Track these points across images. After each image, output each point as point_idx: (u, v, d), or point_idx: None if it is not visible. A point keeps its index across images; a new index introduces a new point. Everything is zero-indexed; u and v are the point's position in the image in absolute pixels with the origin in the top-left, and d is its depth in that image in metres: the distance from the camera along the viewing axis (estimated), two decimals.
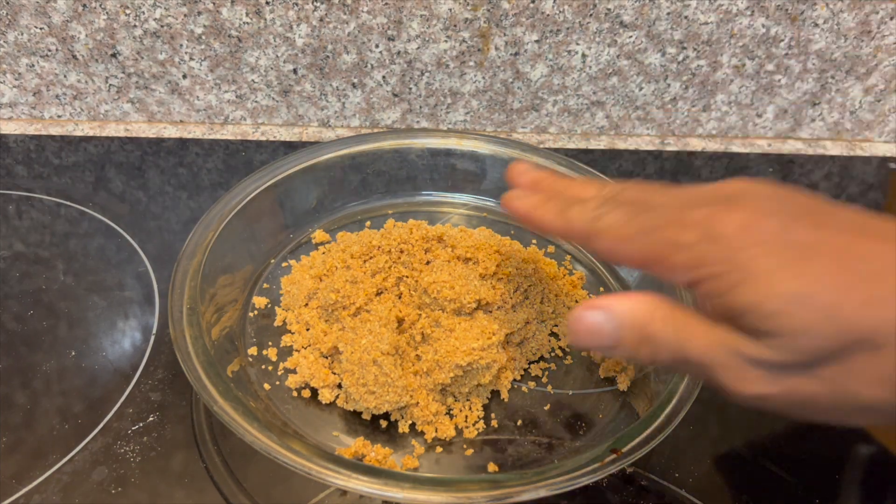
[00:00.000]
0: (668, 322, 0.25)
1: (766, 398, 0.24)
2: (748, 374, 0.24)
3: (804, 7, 0.56)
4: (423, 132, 0.52)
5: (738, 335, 0.24)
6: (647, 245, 0.26)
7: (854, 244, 0.23)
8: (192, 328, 0.35)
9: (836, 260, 0.23)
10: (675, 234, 0.25)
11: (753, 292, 0.23)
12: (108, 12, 0.53)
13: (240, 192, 0.44)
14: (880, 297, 0.22)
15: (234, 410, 0.32)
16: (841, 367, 0.23)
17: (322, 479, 0.29)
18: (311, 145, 0.50)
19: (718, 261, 0.24)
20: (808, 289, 0.22)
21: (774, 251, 0.23)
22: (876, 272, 0.23)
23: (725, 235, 0.24)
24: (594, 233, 0.28)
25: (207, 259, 0.39)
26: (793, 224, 0.24)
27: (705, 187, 0.27)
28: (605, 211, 0.28)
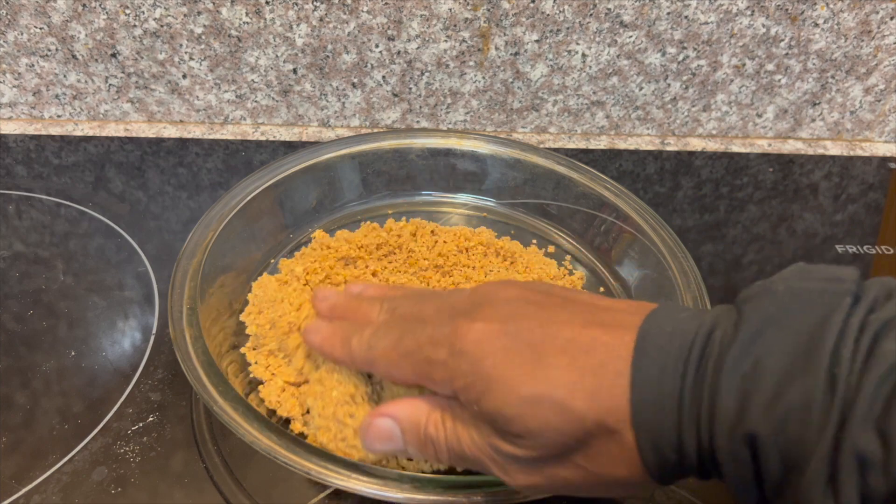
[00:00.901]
0: (440, 424, 0.28)
1: (533, 486, 0.27)
2: (510, 468, 0.27)
3: (804, 7, 0.56)
4: (423, 132, 0.52)
5: (495, 436, 0.26)
6: (411, 367, 0.29)
7: (577, 338, 0.26)
8: (191, 328, 0.35)
9: (562, 356, 0.25)
10: (431, 352, 0.28)
11: (494, 399, 0.26)
12: (108, 12, 0.53)
13: (240, 192, 0.44)
14: (605, 387, 0.24)
15: (234, 410, 0.32)
16: (586, 453, 0.25)
17: (322, 480, 0.29)
18: (311, 145, 0.50)
19: (465, 373, 0.26)
20: (540, 390, 0.25)
21: (508, 357, 0.26)
22: (600, 363, 0.25)
23: (466, 350, 0.27)
24: (370, 362, 0.31)
25: (207, 259, 0.39)
26: (524, 327, 0.26)
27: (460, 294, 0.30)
28: (378, 337, 0.30)
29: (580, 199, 0.49)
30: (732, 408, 0.22)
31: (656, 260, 0.43)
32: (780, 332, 0.22)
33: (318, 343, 0.34)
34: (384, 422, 0.30)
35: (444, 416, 0.28)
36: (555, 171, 0.50)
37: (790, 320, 0.23)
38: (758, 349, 0.22)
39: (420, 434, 0.29)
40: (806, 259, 0.52)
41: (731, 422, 0.22)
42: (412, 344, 0.29)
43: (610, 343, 0.25)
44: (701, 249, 0.51)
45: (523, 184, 0.51)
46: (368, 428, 0.30)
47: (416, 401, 0.30)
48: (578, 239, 0.49)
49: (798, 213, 0.56)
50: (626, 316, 0.26)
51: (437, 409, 0.29)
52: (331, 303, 0.36)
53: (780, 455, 0.22)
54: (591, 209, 0.48)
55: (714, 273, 0.49)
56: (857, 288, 0.23)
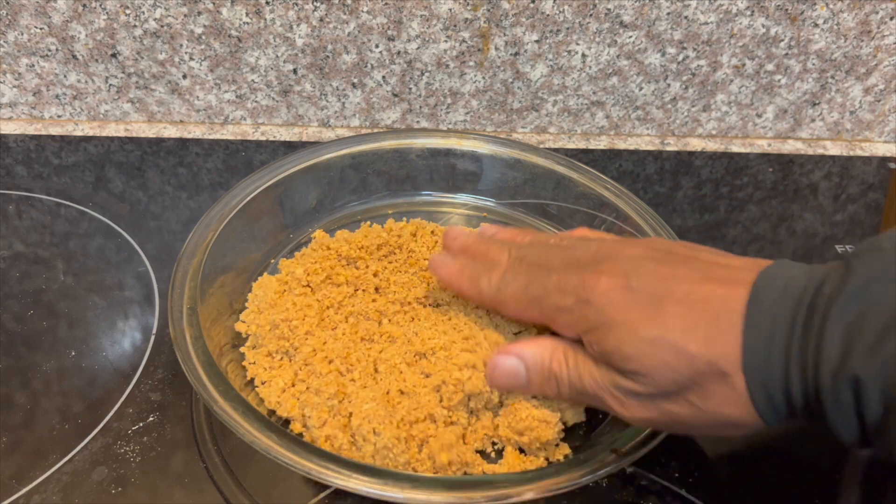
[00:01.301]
0: (563, 362, 0.31)
1: (648, 420, 0.30)
2: (628, 402, 0.30)
3: (804, 7, 0.56)
4: (423, 132, 0.52)
5: (615, 373, 0.30)
6: (539, 311, 0.32)
7: (696, 291, 0.28)
8: (192, 328, 0.35)
9: (680, 306, 0.28)
10: (558, 299, 0.31)
11: (616, 339, 0.29)
12: (108, 12, 0.53)
13: (240, 192, 0.44)
14: (718, 334, 0.27)
15: (234, 410, 0.32)
16: (699, 392, 0.28)
17: (321, 479, 0.29)
18: (311, 145, 0.50)
19: (590, 319, 0.30)
20: (657, 332, 0.28)
21: (629, 306, 0.29)
22: (714, 314, 0.27)
23: (592, 300, 0.30)
24: (499, 303, 0.34)
25: (207, 259, 0.39)
26: (646, 281, 0.29)
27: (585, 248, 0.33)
28: (507, 281, 0.34)
29: (580, 199, 0.49)
30: (837, 353, 0.24)
31: None
32: (884, 286, 0.24)
33: (445, 276, 0.36)
34: (510, 360, 0.33)
35: (567, 354, 0.31)
36: (555, 171, 0.50)
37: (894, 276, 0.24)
38: (863, 301, 0.24)
39: (544, 371, 0.32)
40: (806, 259, 0.52)
41: (835, 365, 0.24)
42: (540, 290, 0.32)
43: (725, 296, 0.27)
44: None
45: (523, 184, 0.51)
46: (494, 366, 0.33)
47: (540, 340, 0.33)
48: None
49: (798, 213, 0.56)
50: (742, 272, 0.28)
51: (561, 348, 0.32)
52: (461, 242, 0.38)
53: (881, 396, 0.23)
54: (591, 209, 0.48)
55: None
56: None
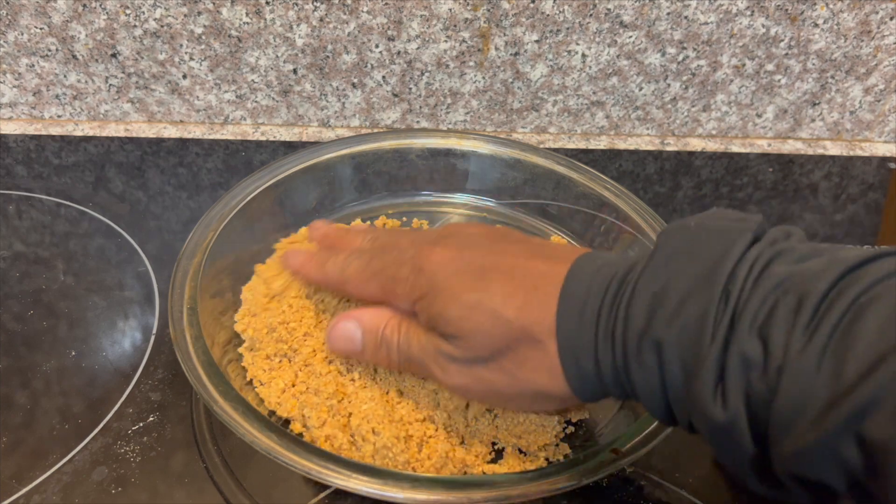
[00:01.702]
0: (396, 329, 0.33)
1: (464, 388, 0.31)
2: (448, 367, 0.31)
3: (804, 7, 0.56)
4: (423, 132, 0.52)
5: (438, 338, 0.31)
6: (378, 284, 0.33)
7: (520, 265, 0.30)
8: (192, 328, 0.35)
9: (503, 276, 0.30)
10: (396, 271, 0.33)
11: (440, 303, 0.30)
12: (108, 12, 0.53)
13: (240, 192, 0.44)
14: (534, 303, 0.28)
15: (234, 410, 0.32)
16: (512, 358, 0.29)
17: (322, 479, 0.30)
18: (311, 145, 0.50)
19: (422, 286, 0.31)
20: (477, 298, 0.29)
21: (458, 274, 0.30)
22: (534, 285, 0.29)
23: (425, 268, 0.31)
24: (342, 281, 0.35)
25: (207, 259, 0.39)
26: (477, 254, 0.31)
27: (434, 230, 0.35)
28: (351, 260, 0.35)
29: (580, 200, 0.49)
30: (642, 318, 0.26)
31: None
32: (687, 259, 0.26)
33: (296, 266, 0.37)
34: (348, 323, 0.34)
35: (402, 322, 0.33)
36: (555, 171, 0.50)
37: (697, 249, 0.26)
38: (667, 272, 0.26)
39: (377, 336, 0.33)
40: None
41: (639, 330, 0.26)
42: (380, 264, 0.33)
43: (546, 271, 0.29)
44: None
45: (523, 184, 0.51)
46: (333, 328, 0.34)
47: (379, 309, 0.34)
48: (578, 239, 0.49)
49: (798, 213, 0.56)
50: (567, 252, 0.31)
51: (397, 317, 0.33)
52: (321, 232, 0.40)
53: (681, 360, 0.25)
54: (591, 209, 0.48)
55: None
56: (759, 228, 0.26)
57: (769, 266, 0.24)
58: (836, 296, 0.22)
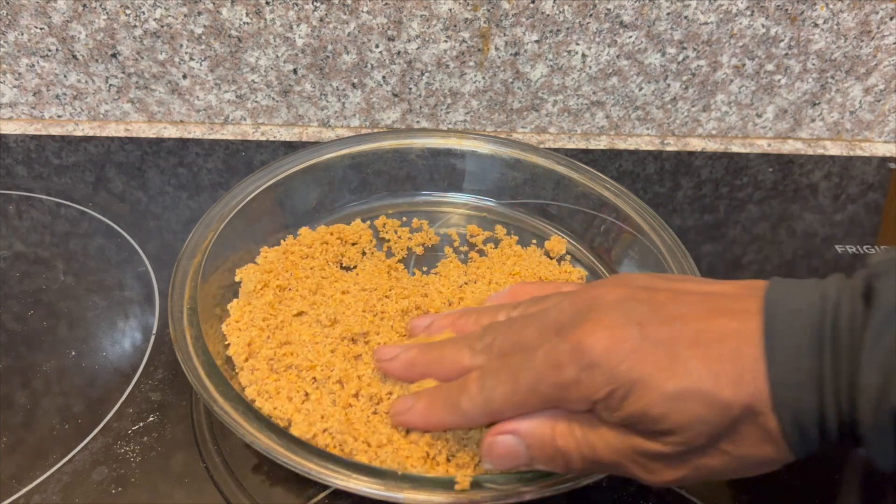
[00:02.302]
0: (569, 436, 0.28)
1: (677, 481, 0.27)
2: (654, 467, 0.27)
3: (804, 7, 0.56)
4: (423, 132, 0.52)
5: (636, 437, 0.26)
6: (540, 400, 0.28)
7: (706, 329, 0.26)
8: (192, 328, 0.35)
9: (697, 348, 0.25)
10: (556, 377, 0.27)
11: (639, 401, 0.25)
12: (108, 12, 0.53)
13: (240, 192, 0.44)
14: (746, 372, 0.25)
15: (234, 410, 0.32)
16: (732, 440, 0.25)
17: (321, 479, 0.30)
18: (311, 145, 0.50)
19: (603, 384, 0.26)
20: (684, 384, 0.25)
21: (642, 358, 0.26)
22: (734, 350, 0.25)
23: (597, 361, 0.26)
24: (492, 415, 0.29)
25: (207, 259, 0.39)
26: (648, 327, 0.26)
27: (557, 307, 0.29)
28: (490, 388, 0.29)
29: (580, 199, 0.49)
30: (875, 384, 0.23)
31: (656, 260, 0.43)
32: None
33: (416, 422, 0.32)
34: (508, 439, 0.29)
35: (572, 426, 0.28)
36: (555, 171, 0.50)
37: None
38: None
39: (548, 448, 0.28)
40: (806, 259, 0.52)
41: (875, 398, 0.23)
42: (532, 378, 0.28)
43: (740, 329, 0.25)
44: (701, 249, 0.51)
45: (523, 184, 0.51)
46: (492, 446, 0.29)
47: (539, 415, 0.29)
48: (578, 239, 0.49)
49: (798, 213, 0.56)
50: (744, 300, 0.26)
51: (563, 421, 0.28)
52: (402, 360, 0.34)
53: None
54: (591, 209, 0.48)
55: (714, 273, 0.49)
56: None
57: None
58: None
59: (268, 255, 0.44)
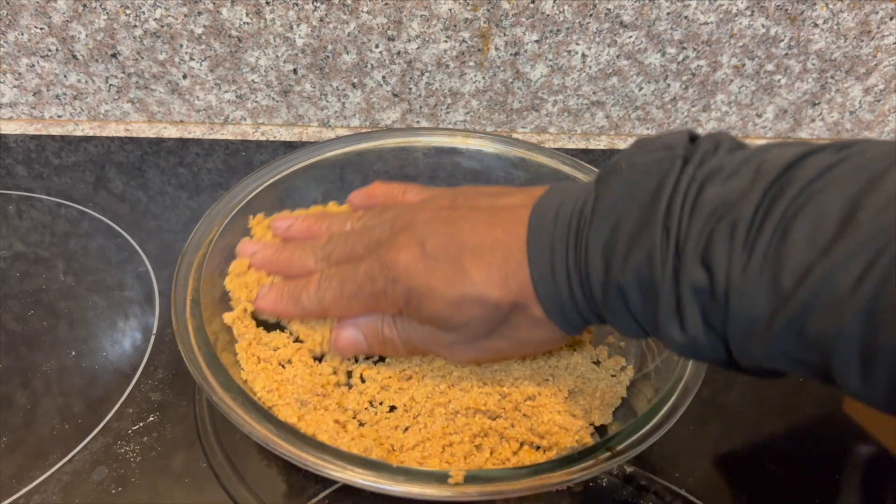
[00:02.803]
0: (392, 326, 0.35)
1: (472, 360, 0.36)
2: (453, 349, 0.34)
3: (804, 7, 0.56)
4: (427, 131, 0.52)
5: (436, 330, 0.33)
6: (360, 304, 0.35)
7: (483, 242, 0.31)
8: (194, 319, 0.36)
9: (473, 258, 0.31)
10: (371, 287, 0.34)
11: (430, 307, 0.32)
12: (108, 12, 0.53)
13: (245, 188, 0.45)
14: (510, 275, 0.31)
15: (233, 401, 0.32)
16: (509, 326, 0.32)
17: (317, 471, 0.30)
18: (315, 143, 0.50)
19: (402, 295, 0.33)
20: (461, 291, 0.31)
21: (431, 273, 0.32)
22: (502, 258, 0.31)
23: (398, 277, 0.32)
24: (324, 311, 0.36)
25: (211, 253, 0.40)
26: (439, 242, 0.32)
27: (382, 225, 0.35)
28: (323, 290, 0.36)
29: None
30: (600, 268, 0.28)
31: None
32: (627, 202, 0.28)
33: (268, 307, 0.38)
34: (348, 330, 0.36)
35: (394, 321, 0.35)
36: (560, 171, 0.50)
37: (633, 190, 0.28)
38: (611, 219, 0.28)
39: (379, 336, 0.35)
40: None
41: (601, 279, 0.28)
42: (353, 286, 0.34)
43: (508, 241, 0.31)
44: None
45: (527, 183, 0.51)
46: (337, 338, 0.36)
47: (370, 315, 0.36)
48: None
49: None
50: (519, 210, 0.32)
51: (388, 318, 0.35)
52: (260, 257, 0.40)
53: (640, 296, 0.27)
54: None
55: None
56: (686, 151, 0.27)
57: (701, 192, 0.26)
58: (764, 215, 0.24)
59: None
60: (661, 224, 0.26)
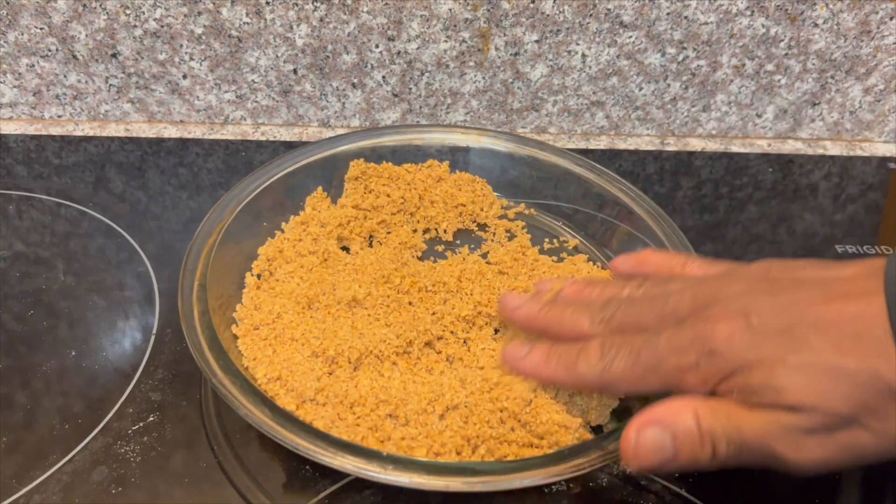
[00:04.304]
0: (712, 417, 0.27)
1: (825, 462, 0.26)
2: (804, 444, 0.26)
3: (804, 7, 0.56)
4: (440, 127, 0.52)
5: (778, 412, 0.26)
6: (659, 379, 0.29)
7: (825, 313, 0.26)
8: (200, 303, 0.36)
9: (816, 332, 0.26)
10: (678, 361, 0.28)
11: (762, 376, 0.26)
12: (108, 12, 0.53)
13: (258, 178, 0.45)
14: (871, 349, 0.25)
15: (232, 385, 0.32)
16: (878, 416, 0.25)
17: (309, 456, 0.30)
18: (331, 137, 0.50)
19: (723, 369, 0.27)
20: (806, 358, 0.26)
21: (762, 343, 0.27)
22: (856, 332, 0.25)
23: (719, 350, 0.27)
24: (608, 384, 0.31)
25: (221, 240, 0.40)
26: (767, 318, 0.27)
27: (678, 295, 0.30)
28: (609, 358, 0.30)
29: (596, 200, 0.49)
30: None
31: None
32: None
33: (530, 369, 0.33)
34: (652, 431, 0.28)
35: (713, 407, 0.27)
36: (571, 172, 0.50)
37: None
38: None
39: (693, 433, 0.27)
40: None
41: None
42: (652, 358, 0.29)
43: (860, 312, 0.26)
44: (701, 249, 0.51)
45: (539, 182, 0.51)
46: (638, 443, 0.28)
47: (670, 401, 0.28)
48: (591, 240, 0.49)
49: (798, 213, 0.56)
50: (863, 280, 0.27)
51: (702, 403, 0.28)
52: (525, 312, 0.35)
53: None
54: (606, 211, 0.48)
55: None
56: None
57: None
58: None
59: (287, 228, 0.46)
60: None
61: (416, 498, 0.33)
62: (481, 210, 0.50)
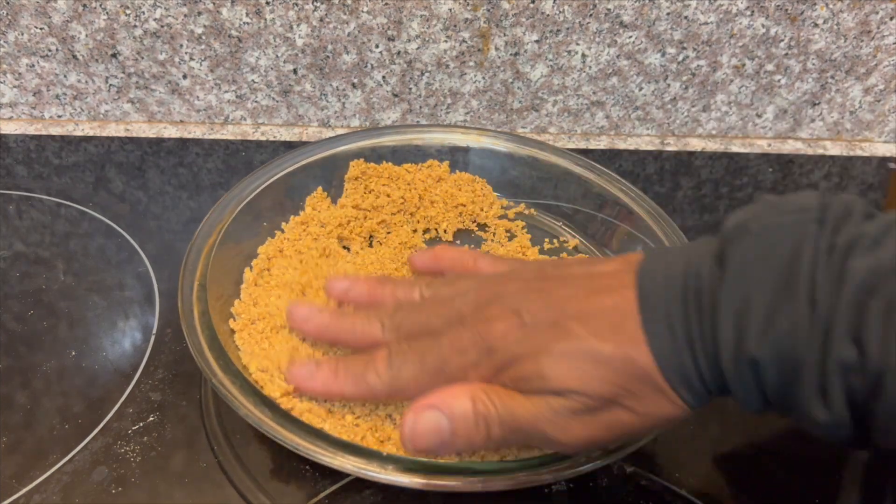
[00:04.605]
0: (487, 402, 0.29)
1: (590, 439, 0.29)
2: (569, 425, 0.28)
3: (804, 7, 0.56)
4: (440, 127, 0.52)
5: (548, 396, 0.28)
6: (447, 380, 0.30)
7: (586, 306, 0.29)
8: (200, 303, 0.36)
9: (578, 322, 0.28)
10: (461, 360, 0.30)
11: (532, 365, 0.28)
12: (108, 12, 0.53)
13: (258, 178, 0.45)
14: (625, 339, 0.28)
15: (231, 384, 0.32)
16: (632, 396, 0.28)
17: (308, 455, 0.30)
18: (331, 137, 0.50)
19: (500, 360, 0.29)
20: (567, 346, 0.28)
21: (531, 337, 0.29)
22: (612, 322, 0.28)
23: (495, 347, 0.29)
24: (398, 392, 0.32)
25: (221, 239, 0.40)
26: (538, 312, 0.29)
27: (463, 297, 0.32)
28: (397, 366, 0.31)
29: (596, 200, 0.49)
30: (731, 338, 0.26)
31: None
32: (761, 269, 0.26)
33: (319, 388, 0.33)
34: (429, 414, 0.29)
35: (488, 391, 0.29)
36: (571, 172, 0.50)
37: (768, 257, 0.26)
38: (745, 287, 0.26)
39: (470, 416, 0.29)
40: None
41: (732, 351, 0.26)
42: (437, 361, 0.31)
43: (615, 304, 0.29)
44: None
45: (539, 182, 0.51)
46: (415, 424, 0.29)
47: (455, 387, 0.30)
48: (591, 240, 0.49)
49: None
50: (619, 276, 0.30)
51: (478, 387, 0.30)
52: (316, 324, 0.35)
53: (778, 371, 0.25)
54: (606, 211, 0.48)
55: None
56: (820, 213, 0.26)
57: (846, 262, 0.24)
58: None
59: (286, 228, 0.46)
60: (805, 295, 0.24)
61: (416, 498, 0.33)
62: (481, 210, 0.50)
